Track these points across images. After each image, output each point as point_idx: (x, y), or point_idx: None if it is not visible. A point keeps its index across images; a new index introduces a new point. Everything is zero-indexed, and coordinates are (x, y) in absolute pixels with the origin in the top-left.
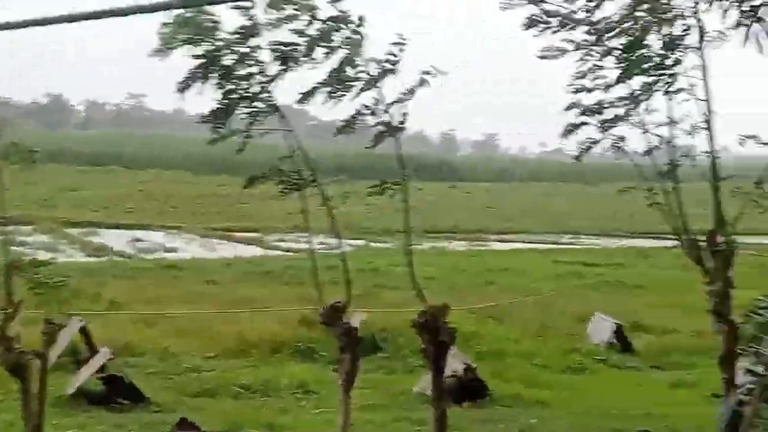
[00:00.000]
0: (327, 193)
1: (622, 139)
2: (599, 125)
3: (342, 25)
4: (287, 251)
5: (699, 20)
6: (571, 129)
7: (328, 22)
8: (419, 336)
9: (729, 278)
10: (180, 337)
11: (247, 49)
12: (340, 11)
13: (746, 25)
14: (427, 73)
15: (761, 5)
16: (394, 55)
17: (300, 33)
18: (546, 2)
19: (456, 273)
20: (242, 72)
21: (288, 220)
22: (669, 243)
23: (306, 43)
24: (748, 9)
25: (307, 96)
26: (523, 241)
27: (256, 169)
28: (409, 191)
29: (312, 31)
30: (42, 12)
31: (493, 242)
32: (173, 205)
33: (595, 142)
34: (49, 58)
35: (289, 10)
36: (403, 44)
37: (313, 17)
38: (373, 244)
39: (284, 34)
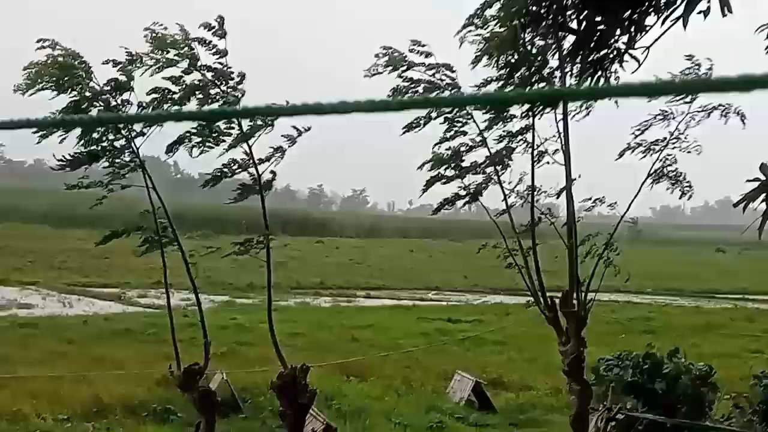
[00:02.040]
0: (185, 248)
1: (476, 195)
2: (462, 185)
3: (221, 80)
4: (148, 307)
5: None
6: (429, 185)
7: (207, 74)
8: (278, 398)
9: (582, 339)
10: (32, 398)
11: (116, 102)
12: (222, 65)
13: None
14: (298, 131)
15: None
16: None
17: (177, 80)
18: (413, 69)
19: (321, 329)
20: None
21: (150, 275)
22: (527, 300)
23: (181, 91)
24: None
25: (174, 145)
26: (390, 297)
27: (116, 224)
28: (272, 247)
29: (189, 80)
30: None
31: (360, 298)
32: (31, 260)
33: (456, 199)
34: None
35: (170, 54)
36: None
37: (193, 66)
38: (237, 300)
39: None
